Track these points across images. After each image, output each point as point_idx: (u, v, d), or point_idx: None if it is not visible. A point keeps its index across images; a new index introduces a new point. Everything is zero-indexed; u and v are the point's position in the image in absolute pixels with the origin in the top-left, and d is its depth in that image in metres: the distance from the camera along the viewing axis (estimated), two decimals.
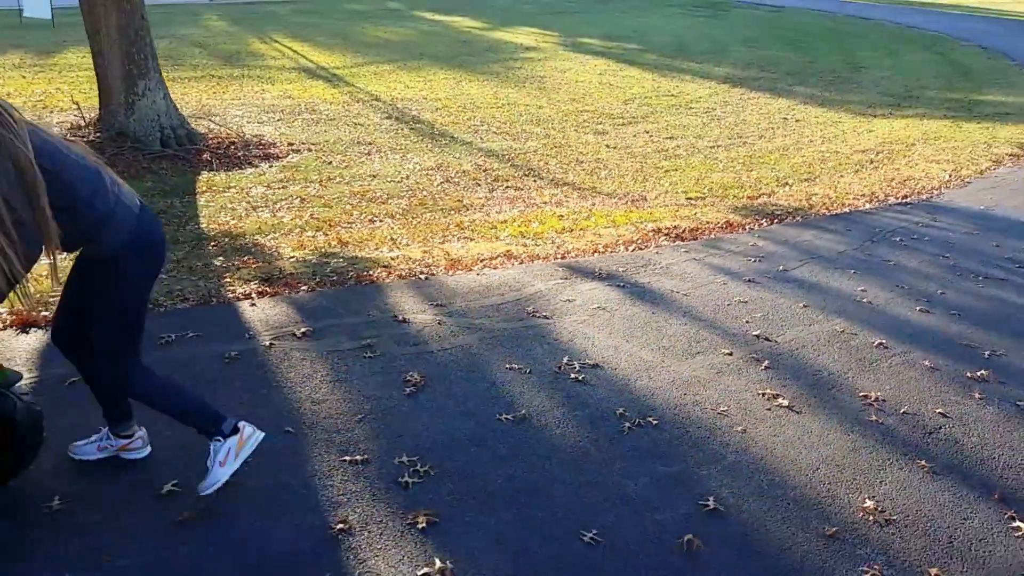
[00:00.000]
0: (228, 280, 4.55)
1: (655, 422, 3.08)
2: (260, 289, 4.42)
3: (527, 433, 3.01)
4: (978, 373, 3.51)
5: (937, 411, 3.20)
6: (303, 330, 3.88)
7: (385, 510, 2.55)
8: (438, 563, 2.31)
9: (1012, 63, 14.47)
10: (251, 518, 2.50)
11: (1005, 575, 2.28)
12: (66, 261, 2.69)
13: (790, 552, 2.38)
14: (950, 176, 7.57)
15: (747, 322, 4.06)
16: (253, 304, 4.21)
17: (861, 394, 3.33)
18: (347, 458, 2.83)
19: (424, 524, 2.48)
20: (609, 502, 2.61)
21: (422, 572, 2.28)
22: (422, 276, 4.71)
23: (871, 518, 2.55)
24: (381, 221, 6.02)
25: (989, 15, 22.06)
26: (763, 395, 3.31)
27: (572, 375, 3.47)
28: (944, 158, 8.45)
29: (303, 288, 4.47)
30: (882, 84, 13.55)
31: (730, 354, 3.69)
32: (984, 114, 10.69)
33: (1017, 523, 2.51)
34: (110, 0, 6.96)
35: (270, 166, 7.27)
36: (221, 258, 4.88)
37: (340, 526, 2.47)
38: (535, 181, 7.46)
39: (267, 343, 3.74)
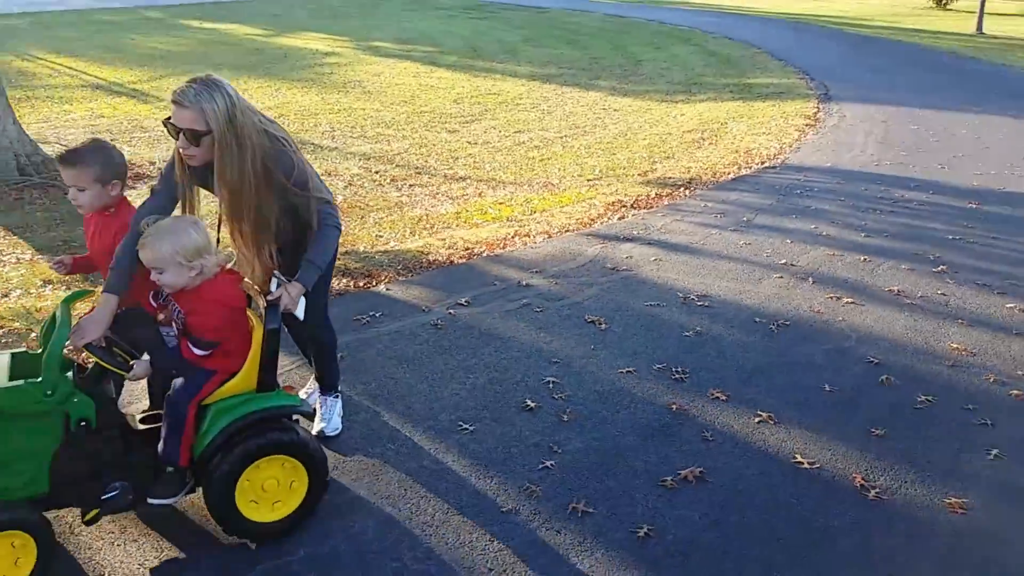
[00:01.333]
0: None
1: (787, 323, 4.36)
2: (357, 282, 4.97)
3: (717, 341, 4.14)
4: (940, 268, 5.21)
5: (939, 292, 4.82)
6: (463, 300, 4.63)
7: (688, 396, 3.57)
8: (762, 414, 3.40)
9: (759, 50, 17.59)
10: (609, 412, 3.40)
11: None
12: None
13: (941, 372, 3.78)
14: (779, 145, 9.61)
15: (767, 255, 5.46)
16: (388, 289, 4.84)
17: (887, 289, 4.86)
18: (622, 371, 3.78)
19: (724, 398, 3.54)
20: (808, 369, 3.84)
21: (757, 419, 3.36)
22: (484, 255, 5.53)
23: (964, 352, 4.04)
24: None
25: (722, 11, 26.02)
26: (832, 298, 4.71)
27: (696, 303, 4.63)
28: (761, 131, 10.55)
29: (399, 278, 5.11)
30: (665, 75, 15.83)
31: (781, 277, 5.06)
32: (762, 94, 13.19)
33: None
34: None
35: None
36: None
37: (673, 407, 3.46)
38: (431, 178, 8.20)
39: (448, 311, 4.47)
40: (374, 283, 4.96)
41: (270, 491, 2.57)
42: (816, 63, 15.91)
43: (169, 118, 2.54)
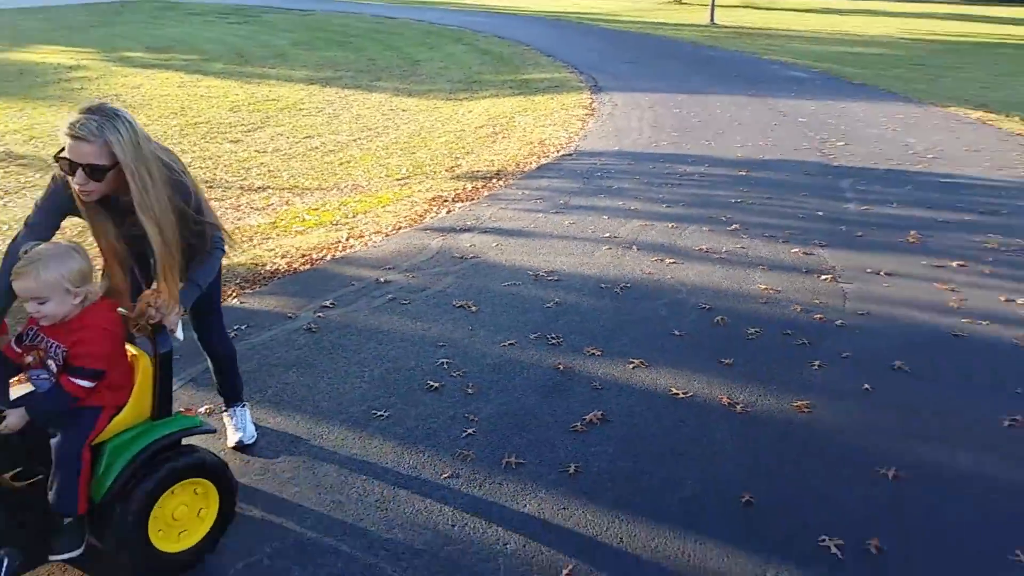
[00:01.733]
0: None
1: (628, 286, 4.98)
2: None
3: (575, 308, 4.65)
4: (733, 227, 6.11)
5: (738, 247, 5.68)
6: (327, 302, 4.79)
7: (568, 356, 4.03)
8: (634, 361, 3.95)
9: (528, 48, 18.65)
10: (506, 380, 3.78)
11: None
12: None
13: (758, 309, 4.55)
14: (568, 135, 10.45)
15: (592, 231, 6.10)
16: (242, 302, 4.88)
17: (697, 248, 5.64)
18: (504, 344, 4.18)
19: (599, 353, 4.05)
20: (656, 320, 4.46)
21: (632, 366, 3.90)
22: (326, 259, 5.68)
23: (771, 291, 4.86)
24: None
25: (485, 10, 27.02)
26: (656, 260, 5.41)
27: (547, 279, 5.13)
28: (548, 123, 11.37)
29: (245, 290, 5.14)
30: (444, 74, 16.38)
31: (610, 248, 5.70)
32: (540, 89, 14.12)
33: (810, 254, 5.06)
34: None
35: None
36: None
37: (560, 367, 3.91)
38: (225, 191, 7.93)
39: (316, 315, 4.62)
40: (222, 298, 4.92)
41: (181, 519, 2.50)
42: (581, 58, 17.21)
43: (61, 152, 2.41)
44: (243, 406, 3.34)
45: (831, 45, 20.22)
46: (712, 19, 24.30)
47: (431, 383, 3.74)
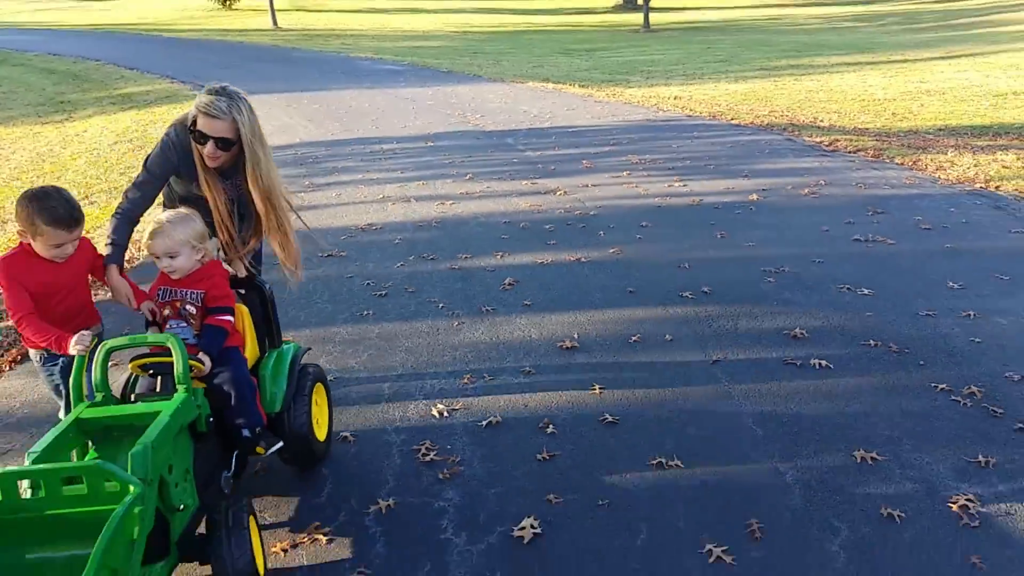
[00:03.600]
0: None
1: (439, 220, 7.01)
2: None
3: (417, 238, 6.54)
4: (467, 176, 8.44)
5: (486, 187, 8.02)
6: None
7: (451, 263, 6.00)
8: (496, 254, 6.08)
9: (100, 62, 18.59)
10: (442, 283, 5.65)
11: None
12: None
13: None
14: None
15: (364, 197, 7.94)
16: None
17: (459, 192, 7.86)
18: (397, 266, 5.96)
19: (469, 256, 6.09)
20: (480, 233, 6.63)
21: (498, 257, 6.03)
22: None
23: (535, 206, 7.31)
24: None
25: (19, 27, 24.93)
26: (439, 204, 7.51)
27: (371, 230, 6.91)
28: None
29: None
30: (15, 98, 15.89)
31: (394, 204, 7.64)
32: (150, 101, 14.77)
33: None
34: None
35: None
36: None
37: (454, 267, 5.87)
38: None
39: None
40: None
41: (314, 416, 3.33)
42: (171, 67, 17.95)
43: (194, 125, 3.10)
44: None
45: (397, 41, 23.65)
46: (275, 23, 26.22)
47: (379, 293, 5.41)
